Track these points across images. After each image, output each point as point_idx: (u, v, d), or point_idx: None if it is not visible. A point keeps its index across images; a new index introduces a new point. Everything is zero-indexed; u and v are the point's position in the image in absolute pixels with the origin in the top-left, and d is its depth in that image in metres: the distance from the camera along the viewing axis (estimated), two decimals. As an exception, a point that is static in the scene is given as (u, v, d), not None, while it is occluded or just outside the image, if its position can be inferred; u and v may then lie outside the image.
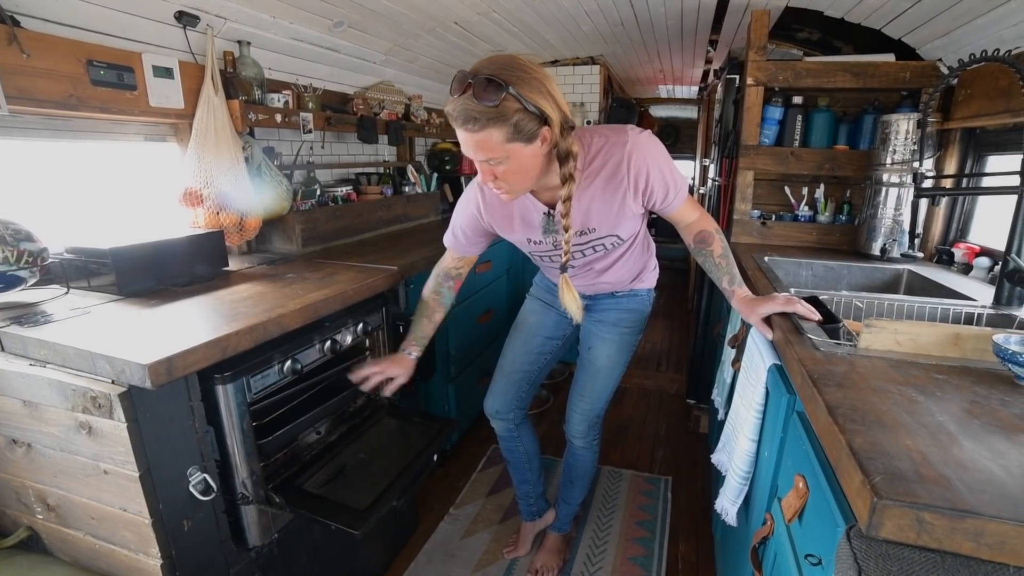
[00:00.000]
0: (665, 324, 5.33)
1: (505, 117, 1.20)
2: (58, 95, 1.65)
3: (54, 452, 1.30)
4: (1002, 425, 0.89)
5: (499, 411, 2.01)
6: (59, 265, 1.65)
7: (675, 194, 1.53)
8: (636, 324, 1.88)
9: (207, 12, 2.02)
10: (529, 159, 1.30)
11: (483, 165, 1.31)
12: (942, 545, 0.69)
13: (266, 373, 1.51)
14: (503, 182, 1.34)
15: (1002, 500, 0.70)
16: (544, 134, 1.27)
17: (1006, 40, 1.93)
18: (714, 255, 1.58)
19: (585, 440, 2.00)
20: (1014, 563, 0.68)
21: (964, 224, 2.42)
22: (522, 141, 1.25)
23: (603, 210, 1.51)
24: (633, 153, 1.42)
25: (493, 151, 1.25)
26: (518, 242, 1.70)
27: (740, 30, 3.38)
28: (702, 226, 1.60)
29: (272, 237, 2.45)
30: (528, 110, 1.21)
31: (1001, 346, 1.08)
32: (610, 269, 1.76)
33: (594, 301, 1.87)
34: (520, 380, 1.99)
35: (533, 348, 1.97)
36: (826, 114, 2.67)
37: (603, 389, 1.92)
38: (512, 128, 1.22)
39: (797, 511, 1.05)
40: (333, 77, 2.87)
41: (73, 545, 1.41)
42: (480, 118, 1.20)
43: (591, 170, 1.45)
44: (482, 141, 1.24)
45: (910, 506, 0.69)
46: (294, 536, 1.67)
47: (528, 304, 2.02)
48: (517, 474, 2.18)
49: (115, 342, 1.25)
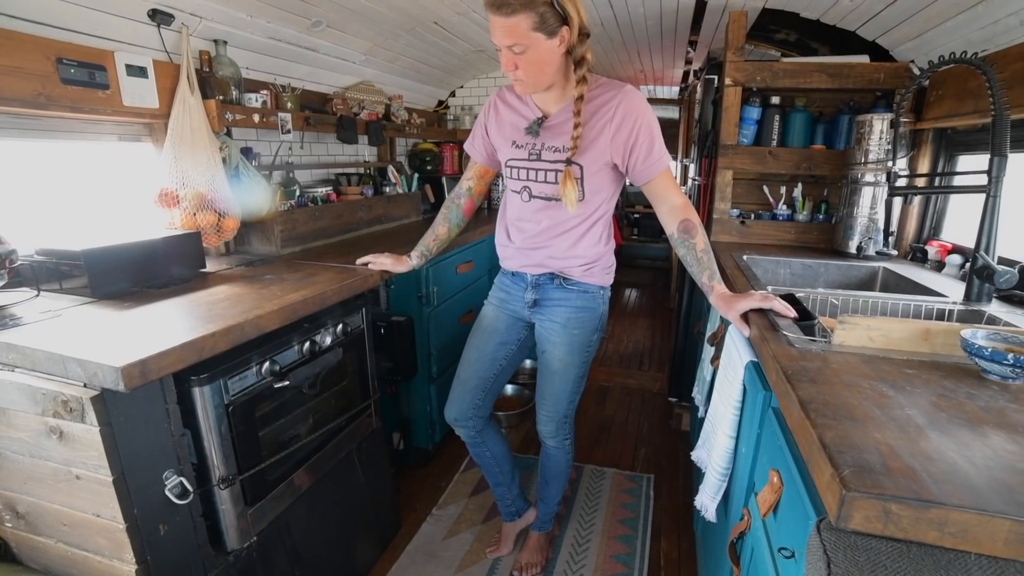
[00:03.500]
0: (647, 323, 5.36)
1: (534, 5, 1.35)
2: (26, 93, 1.63)
3: (23, 458, 1.28)
4: (968, 418, 0.91)
5: (457, 419, 2.01)
6: (29, 267, 1.62)
7: (658, 155, 1.59)
8: (587, 325, 1.84)
9: (182, 11, 1.99)
10: (547, 53, 1.44)
11: (507, 52, 1.44)
12: (908, 535, 0.71)
13: (244, 375, 1.50)
14: (522, 71, 1.47)
15: (965, 490, 0.71)
16: (563, 33, 1.42)
17: (974, 42, 1.96)
18: (697, 248, 1.60)
19: (556, 440, 2.01)
20: (975, 550, 0.69)
21: (937, 222, 2.46)
22: (545, 33, 1.40)
23: (583, 133, 1.59)
24: (627, 98, 1.57)
25: (519, 37, 1.39)
26: (502, 146, 1.79)
27: (719, 31, 3.41)
28: (687, 215, 1.62)
29: (251, 238, 2.42)
30: (554, 5, 1.37)
31: (969, 341, 1.10)
32: (558, 237, 1.74)
33: (542, 294, 1.83)
34: (476, 387, 1.97)
35: (487, 355, 1.95)
36: (803, 114, 2.70)
37: (561, 391, 1.90)
38: (539, 18, 1.36)
39: (772, 505, 1.06)
40: (312, 77, 2.86)
41: (44, 553, 1.38)
42: (513, 2, 1.34)
43: (589, 96, 1.58)
44: (511, 26, 1.37)
45: (877, 497, 0.70)
46: (273, 539, 1.66)
47: (483, 309, 2.02)
48: (490, 477, 2.20)
49: (87, 345, 1.22)
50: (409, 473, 2.78)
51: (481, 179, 1.98)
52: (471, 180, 1.97)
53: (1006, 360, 1.03)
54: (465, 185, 1.98)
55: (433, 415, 2.74)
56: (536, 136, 1.66)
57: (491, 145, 1.86)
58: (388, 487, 2.29)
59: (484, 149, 1.88)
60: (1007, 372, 1.05)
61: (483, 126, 1.85)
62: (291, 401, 1.71)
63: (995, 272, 1.58)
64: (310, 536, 1.81)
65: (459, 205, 1.98)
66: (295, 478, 1.72)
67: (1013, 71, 1.76)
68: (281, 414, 1.68)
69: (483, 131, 1.86)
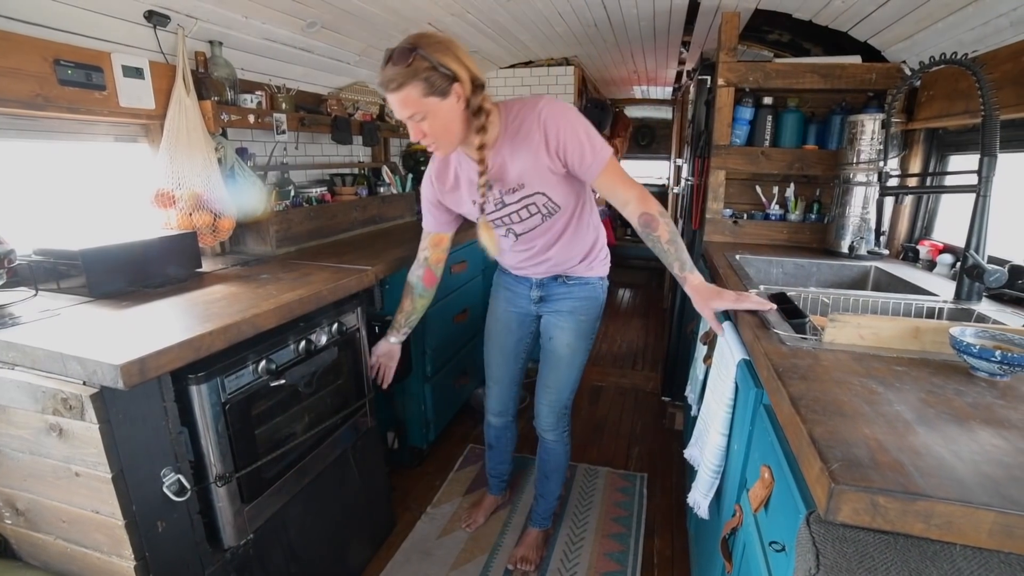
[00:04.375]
0: (641, 323, 5.38)
1: (417, 74, 1.38)
2: (24, 95, 1.63)
3: (23, 455, 1.28)
4: (955, 413, 0.93)
5: (502, 412, 2.24)
6: (27, 267, 1.63)
7: (593, 156, 1.58)
8: (591, 312, 1.95)
9: (178, 12, 2.00)
10: (448, 112, 1.46)
11: (410, 123, 1.47)
12: (895, 527, 0.72)
13: (240, 373, 1.51)
14: (430, 137, 1.50)
15: (951, 483, 0.73)
16: (456, 90, 1.44)
17: (965, 43, 1.99)
18: (661, 240, 1.58)
19: (555, 433, 2.08)
20: (960, 541, 0.71)
21: (929, 222, 2.48)
22: (437, 96, 1.42)
23: (523, 165, 1.62)
24: (544, 111, 1.56)
25: (414, 106, 1.42)
26: (467, 211, 1.81)
27: (712, 32, 3.43)
28: (644, 208, 1.60)
29: (246, 238, 2.43)
30: (437, 68, 1.39)
31: (957, 338, 1.12)
32: (554, 246, 1.82)
33: (547, 291, 1.94)
34: (511, 383, 2.18)
35: (510, 353, 2.11)
36: (795, 114, 2.72)
37: (567, 378, 1.99)
38: (425, 83, 1.39)
39: (763, 501, 1.08)
40: (307, 77, 2.87)
41: (44, 549, 1.39)
42: (396, 78, 1.38)
43: (511, 129, 1.60)
44: (403, 99, 1.41)
45: (865, 490, 0.72)
46: (270, 536, 1.67)
47: (492, 305, 2.12)
48: (499, 456, 2.38)
49: (86, 343, 1.23)
50: (404, 472, 2.79)
51: (437, 247, 1.97)
52: (426, 250, 1.97)
53: (994, 357, 1.05)
54: (422, 256, 1.98)
55: (428, 414, 2.75)
56: (491, 189, 1.69)
57: (446, 212, 1.88)
58: (383, 485, 2.30)
59: (437, 219, 1.90)
60: (995, 369, 1.07)
61: (433, 203, 1.86)
62: (287, 400, 1.72)
63: (985, 271, 1.59)
64: (306, 534, 1.82)
65: (419, 277, 1.98)
66: (291, 476, 1.73)
67: (1003, 72, 1.78)
68: (277, 412, 1.68)
69: (432, 206, 1.87)
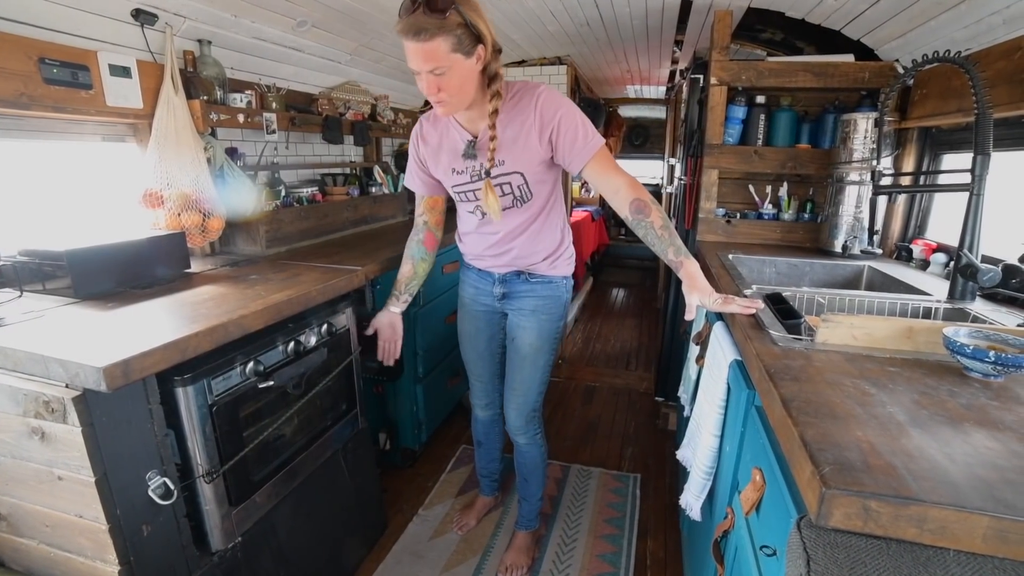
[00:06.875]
0: (635, 323, 5.38)
1: (450, 28, 1.36)
2: (7, 94, 1.61)
3: (5, 459, 1.26)
4: (949, 415, 0.92)
5: (489, 404, 2.23)
6: (11, 268, 1.60)
7: (584, 142, 1.59)
8: (553, 311, 1.93)
9: (166, 10, 1.97)
10: (467, 72, 1.47)
11: (428, 76, 1.44)
12: (887, 532, 0.71)
13: (228, 375, 1.49)
14: (445, 93, 1.48)
15: (944, 487, 0.72)
16: (479, 52, 1.45)
17: (957, 41, 1.98)
18: (655, 226, 1.57)
19: (527, 436, 2.08)
20: (954, 547, 0.70)
21: (922, 221, 2.48)
22: (463, 53, 1.42)
23: (511, 142, 1.64)
24: (543, 95, 1.60)
25: (439, 60, 1.40)
26: (442, 176, 1.82)
27: (704, 30, 3.42)
28: (635, 194, 1.59)
29: (236, 238, 2.41)
30: (468, 26, 1.39)
31: (951, 339, 1.11)
32: (518, 237, 1.81)
33: (510, 287, 1.93)
34: (492, 377, 2.17)
35: (484, 351, 2.11)
36: (788, 113, 2.72)
37: (531, 379, 1.98)
38: (455, 39, 1.38)
39: (755, 503, 1.06)
40: (297, 77, 2.84)
41: (26, 555, 1.37)
42: (430, 28, 1.35)
43: (508, 105, 1.62)
44: (430, 50, 1.38)
45: (857, 494, 0.71)
46: (258, 539, 1.65)
47: (460, 311, 2.12)
48: (488, 453, 2.37)
49: (70, 345, 1.21)
50: (395, 473, 2.77)
51: (433, 210, 1.97)
52: (424, 214, 1.97)
53: (987, 358, 1.04)
54: (420, 221, 1.98)
55: (419, 415, 2.73)
56: (474, 159, 1.69)
57: (431, 177, 1.87)
58: (374, 487, 2.28)
59: (425, 182, 1.89)
60: (988, 370, 1.06)
61: (417, 161, 1.86)
62: (276, 401, 1.70)
63: (979, 270, 1.59)
64: (296, 537, 1.80)
65: (419, 240, 1.98)
66: (280, 478, 1.71)
67: (996, 70, 1.77)
68: (266, 414, 1.66)
69: (418, 166, 1.86)
